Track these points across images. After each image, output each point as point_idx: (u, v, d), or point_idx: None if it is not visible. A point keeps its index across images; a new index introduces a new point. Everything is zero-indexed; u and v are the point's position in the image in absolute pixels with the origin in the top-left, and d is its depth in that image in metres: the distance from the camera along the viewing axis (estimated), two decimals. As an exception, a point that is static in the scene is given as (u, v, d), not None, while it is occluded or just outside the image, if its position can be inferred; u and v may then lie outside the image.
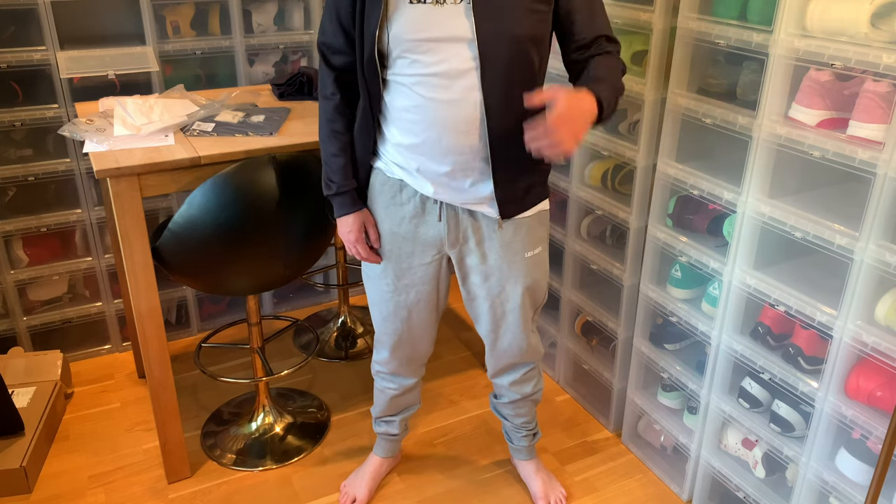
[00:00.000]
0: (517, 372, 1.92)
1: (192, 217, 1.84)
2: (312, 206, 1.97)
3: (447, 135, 1.54)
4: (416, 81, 1.52)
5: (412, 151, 1.59)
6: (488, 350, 1.89)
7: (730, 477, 1.93)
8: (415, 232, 1.69)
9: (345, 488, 2.11)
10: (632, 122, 2.12)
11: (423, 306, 1.80)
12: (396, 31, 1.49)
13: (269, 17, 2.72)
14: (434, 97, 1.52)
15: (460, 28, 1.47)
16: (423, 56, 1.50)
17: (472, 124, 1.53)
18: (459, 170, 1.58)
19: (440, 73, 1.50)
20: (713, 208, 1.89)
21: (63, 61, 2.38)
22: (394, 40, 1.50)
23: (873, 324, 1.53)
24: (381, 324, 1.85)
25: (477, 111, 1.52)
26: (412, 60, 1.51)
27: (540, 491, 2.08)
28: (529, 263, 1.73)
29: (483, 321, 1.82)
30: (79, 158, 2.52)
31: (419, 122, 1.55)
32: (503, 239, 1.69)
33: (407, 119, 1.57)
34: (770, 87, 1.61)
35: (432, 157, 1.57)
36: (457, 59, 1.49)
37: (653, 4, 1.87)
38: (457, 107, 1.52)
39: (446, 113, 1.52)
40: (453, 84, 1.50)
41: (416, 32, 1.48)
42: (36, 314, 2.65)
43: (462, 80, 1.50)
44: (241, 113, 2.19)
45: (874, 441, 1.58)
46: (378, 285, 1.79)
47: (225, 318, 2.99)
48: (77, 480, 2.18)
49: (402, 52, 1.51)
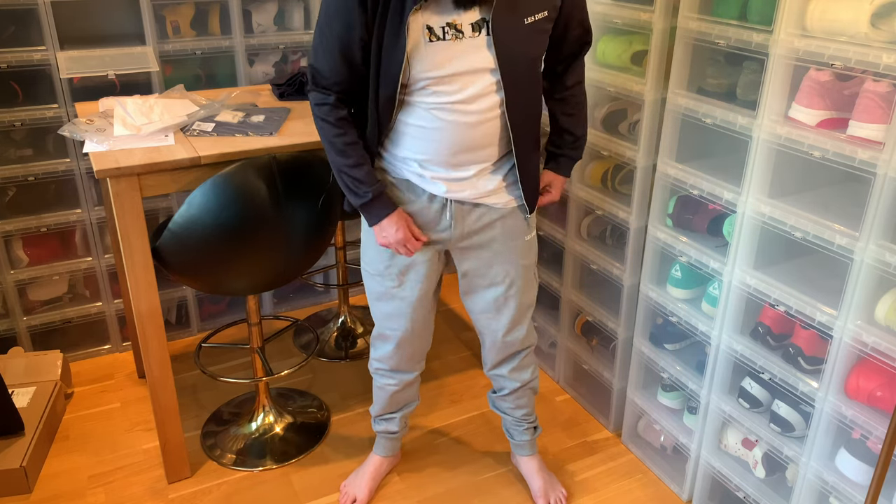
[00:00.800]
0: (515, 359, 1.94)
1: (192, 217, 1.84)
2: (312, 206, 1.97)
3: (465, 151, 1.61)
4: (434, 107, 1.56)
5: (428, 163, 1.63)
6: (488, 340, 1.91)
7: (730, 477, 1.93)
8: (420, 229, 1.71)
9: (345, 488, 2.11)
10: (632, 122, 2.12)
11: (425, 301, 1.82)
12: (418, 69, 1.51)
13: (269, 17, 2.72)
14: (454, 120, 1.56)
15: (482, 60, 1.52)
16: (445, 87, 1.53)
17: (492, 138, 1.61)
18: (477, 173, 1.65)
19: (462, 101, 1.55)
20: (713, 208, 1.89)
21: (63, 61, 2.38)
22: (414, 78, 1.52)
23: (873, 324, 1.53)
24: (384, 321, 1.85)
25: (497, 127, 1.60)
26: (433, 91, 1.54)
27: (540, 489, 2.08)
28: (527, 246, 1.80)
29: (484, 308, 1.84)
30: (79, 158, 2.52)
31: (436, 141, 1.59)
32: (505, 225, 1.73)
33: (422, 137, 1.60)
34: (770, 87, 1.61)
35: (448, 167, 1.63)
36: (478, 86, 1.54)
37: (653, 4, 1.87)
38: (477, 128, 1.58)
39: (466, 132, 1.58)
40: (472, 107, 1.56)
41: (438, 69, 1.51)
42: (36, 314, 2.65)
43: (481, 103, 1.56)
44: (241, 113, 2.19)
45: (874, 441, 1.58)
46: (382, 283, 1.80)
47: (225, 318, 2.99)
48: (77, 480, 2.18)
49: (423, 87, 1.54)
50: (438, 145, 1.59)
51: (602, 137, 2.15)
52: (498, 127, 1.60)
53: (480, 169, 1.65)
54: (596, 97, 2.16)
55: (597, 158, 2.25)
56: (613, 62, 2.09)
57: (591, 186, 2.27)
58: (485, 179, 1.67)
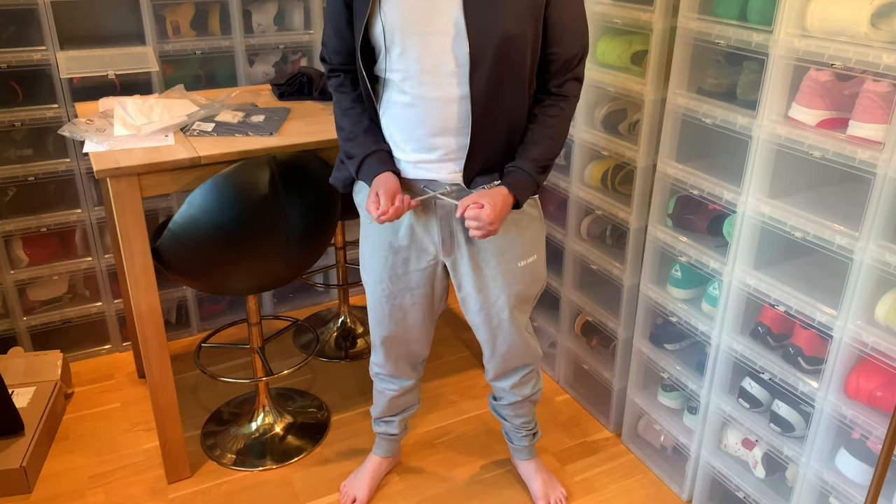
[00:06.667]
0: (517, 375, 1.92)
1: (192, 217, 1.84)
2: (312, 206, 1.96)
3: (435, 134, 1.58)
4: (402, 78, 1.55)
5: (405, 144, 1.62)
6: (488, 355, 1.89)
7: (730, 477, 1.93)
8: (410, 237, 1.70)
9: (345, 488, 2.11)
10: (632, 122, 2.12)
11: (418, 309, 1.80)
12: (389, 20, 1.51)
13: (269, 17, 2.72)
14: (422, 94, 1.54)
15: (449, 19, 1.48)
16: (410, 51, 1.52)
17: (455, 121, 1.57)
18: (439, 158, 1.62)
19: (427, 69, 1.52)
20: (713, 208, 1.89)
21: (63, 61, 2.38)
22: (388, 30, 1.52)
23: (873, 324, 1.53)
24: (375, 325, 1.85)
25: (462, 110, 1.55)
26: (399, 53, 1.53)
27: (540, 491, 2.08)
28: (523, 272, 1.73)
29: (480, 329, 1.82)
30: (79, 158, 2.52)
31: (408, 119, 1.58)
32: (497, 248, 1.69)
33: (399, 116, 1.60)
34: (770, 87, 1.61)
35: (420, 150, 1.61)
36: (446, 53, 1.50)
37: (653, 4, 1.87)
38: (443, 106, 1.55)
39: (434, 109, 1.55)
40: (440, 80, 1.53)
41: (404, 22, 1.50)
42: (36, 314, 2.65)
43: (448, 76, 1.52)
44: (241, 113, 2.19)
45: (874, 441, 1.58)
46: (374, 290, 1.79)
47: (225, 318, 2.99)
48: (77, 480, 2.18)
49: (391, 45, 1.53)
50: (411, 123, 1.58)
51: (602, 137, 2.15)
52: (462, 110, 1.55)
53: (445, 152, 1.60)
54: (596, 97, 2.16)
55: (597, 158, 2.25)
56: (613, 62, 2.09)
57: (591, 186, 2.27)
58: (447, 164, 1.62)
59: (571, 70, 1.61)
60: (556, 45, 1.57)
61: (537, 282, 1.78)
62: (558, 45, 1.57)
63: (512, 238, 1.69)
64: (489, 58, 1.48)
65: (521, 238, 1.70)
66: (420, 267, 1.73)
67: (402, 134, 1.61)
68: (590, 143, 2.20)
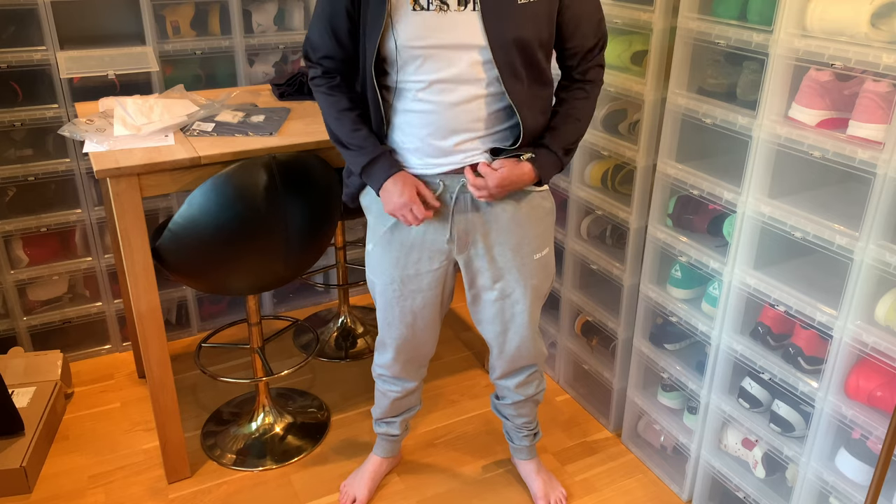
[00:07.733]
0: (522, 374, 1.93)
1: (192, 217, 1.84)
2: (312, 205, 1.96)
3: (451, 134, 1.58)
4: (421, 87, 1.55)
5: (415, 152, 1.62)
6: (495, 353, 1.89)
7: (730, 477, 1.93)
8: (423, 238, 1.69)
9: (345, 488, 2.11)
10: (632, 122, 2.12)
11: (429, 311, 1.79)
12: (402, 38, 1.50)
13: (269, 17, 2.72)
14: (441, 100, 1.55)
15: (469, 35, 1.50)
16: (431, 64, 1.52)
17: (477, 123, 1.58)
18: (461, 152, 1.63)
19: (447, 79, 1.53)
20: (713, 208, 1.89)
21: (63, 61, 2.38)
22: (401, 47, 1.51)
23: (873, 324, 1.53)
24: (385, 328, 1.85)
25: (482, 110, 1.57)
26: (417, 67, 1.53)
27: (540, 491, 2.08)
28: (538, 265, 1.75)
29: (491, 324, 1.82)
30: (79, 158, 2.52)
31: (424, 126, 1.58)
32: (513, 242, 1.70)
33: (414, 123, 1.59)
34: (770, 87, 1.61)
35: (434, 154, 1.61)
36: (464, 62, 1.52)
37: (653, 4, 1.87)
38: (461, 108, 1.55)
39: (450, 113, 1.55)
40: (458, 88, 1.54)
41: (422, 39, 1.50)
42: (36, 314, 2.65)
43: (468, 83, 1.53)
44: (241, 113, 2.19)
45: (874, 441, 1.58)
46: (384, 291, 1.78)
47: (225, 318, 2.99)
48: (77, 480, 2.18)
49: (407, 60, 1.53)
50: (427, 130, 1.58)
51: (602, 137, 2.15)
52: (484, 110, 1.57)
53: (465, 157, 1.62)
54: (596, 97, 2.17)
55: (597, 158, 2.25)
56: (613, 62, 2.09)
57: (591, 186, 2.27)
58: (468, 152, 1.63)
59: (594, 58, 1.66)
60: (574, 40, 1.62)
61: (549, 276, 1.80)
62: (576, 40, 1.62)
63: (527, 231, 1.70)
64: (513, 60, 1.52)
65: (536, 231, 1.72)
66: (433, 268, 1.73)
67: (419, 141, 1.61)
68: (590, 143, 2.21)
